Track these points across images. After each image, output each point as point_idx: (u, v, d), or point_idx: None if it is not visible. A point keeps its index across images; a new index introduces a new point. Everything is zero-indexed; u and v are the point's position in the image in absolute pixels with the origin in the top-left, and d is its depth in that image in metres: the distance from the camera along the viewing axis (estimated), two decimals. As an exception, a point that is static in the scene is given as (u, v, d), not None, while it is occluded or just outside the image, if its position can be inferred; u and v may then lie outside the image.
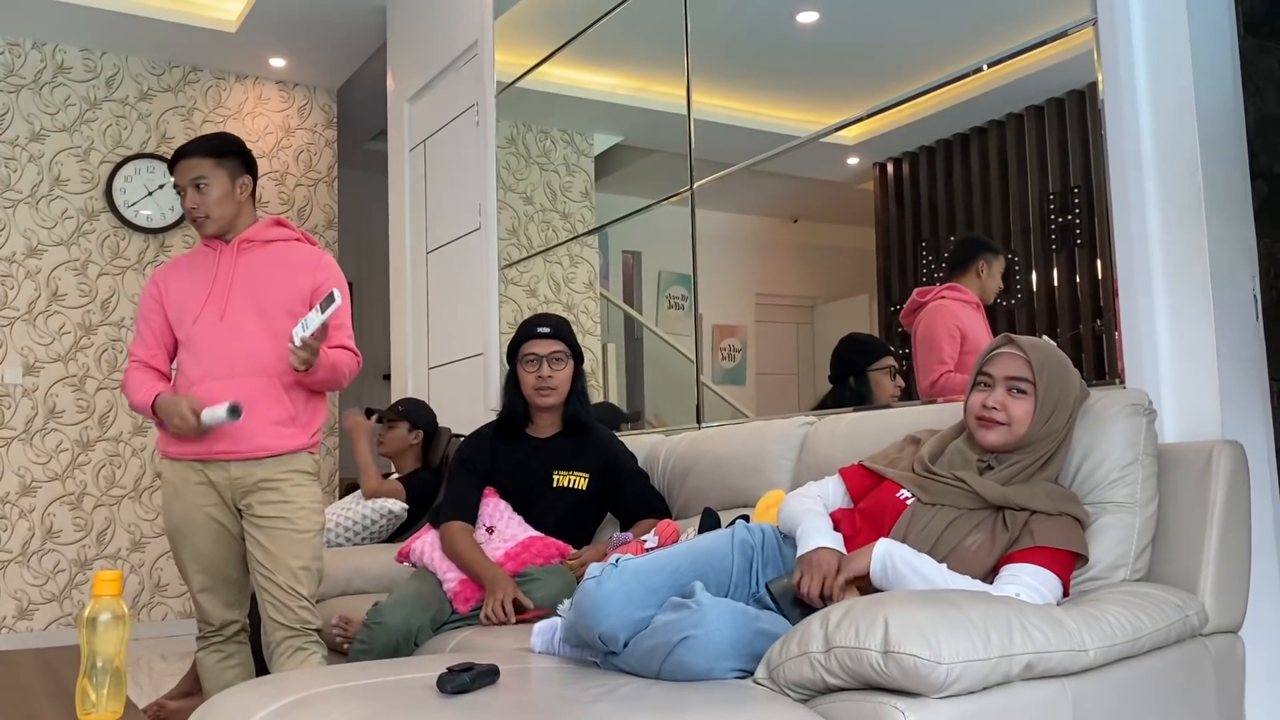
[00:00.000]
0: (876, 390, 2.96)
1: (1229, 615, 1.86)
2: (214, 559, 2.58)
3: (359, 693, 1.59)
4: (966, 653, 1.40)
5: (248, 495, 2.53)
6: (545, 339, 2.82)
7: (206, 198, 2.56)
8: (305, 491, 2.56)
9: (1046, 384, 1.84)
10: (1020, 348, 1.87)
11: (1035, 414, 1.84)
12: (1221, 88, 2.17)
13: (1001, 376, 1.87)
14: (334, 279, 2.61)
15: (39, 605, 5.42)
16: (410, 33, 5.21)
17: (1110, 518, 1.86)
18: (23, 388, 5.51)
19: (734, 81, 3.26)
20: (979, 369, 1.92)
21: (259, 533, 2.52)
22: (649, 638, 1.66)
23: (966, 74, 2.51)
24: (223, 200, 2.57)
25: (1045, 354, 1.87)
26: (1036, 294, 2.36)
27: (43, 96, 5.66)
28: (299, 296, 2.57)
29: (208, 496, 2.55)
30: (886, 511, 1.91)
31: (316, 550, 2.57)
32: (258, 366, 2.53)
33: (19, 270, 5.54)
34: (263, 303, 2.56)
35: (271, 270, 2.59)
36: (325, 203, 6.39)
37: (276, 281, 2.58)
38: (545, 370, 2.79)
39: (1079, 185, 2.27)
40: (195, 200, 2.56)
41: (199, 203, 2.56)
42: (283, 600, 2.50)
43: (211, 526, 2.57)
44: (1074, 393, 1.87)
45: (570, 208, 4.02)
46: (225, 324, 2.55)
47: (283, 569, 2.50)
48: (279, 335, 2.53)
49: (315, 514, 2.58)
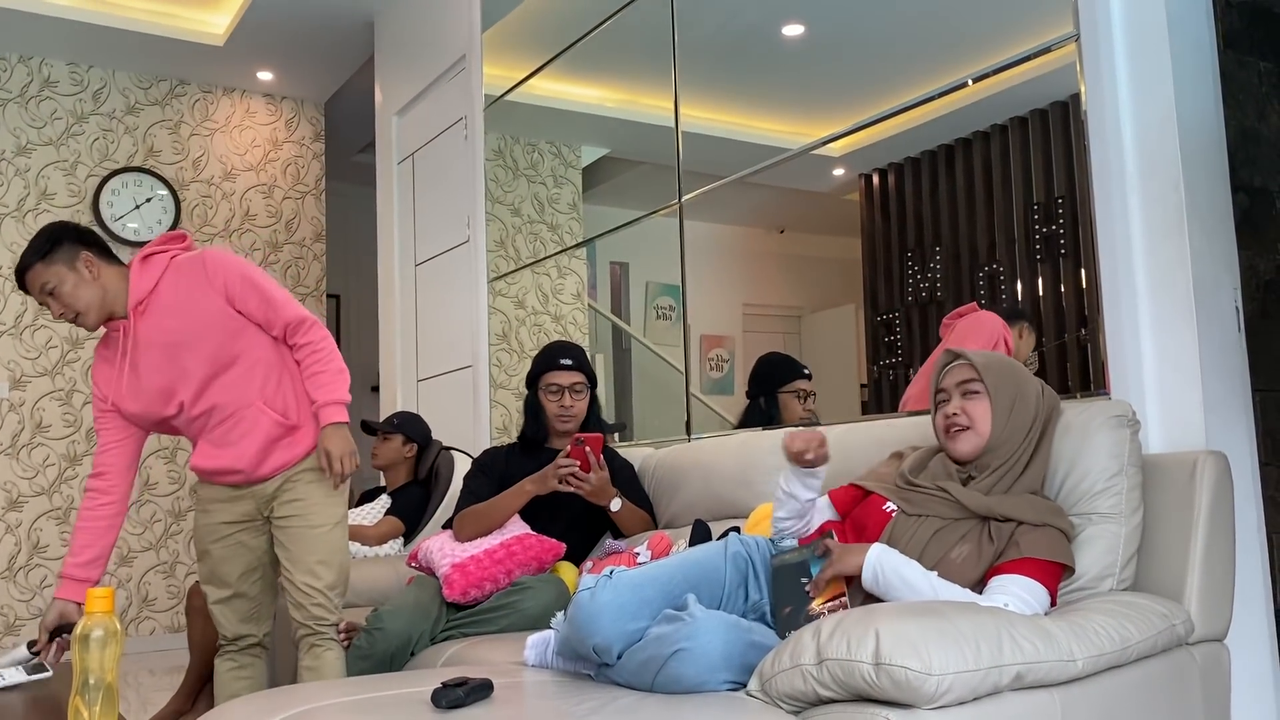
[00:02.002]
0: (784, 412, 3.01)
1: (1214, 624, 1.88)
2: (229, 575, 2.59)
3: (354, 708, 1.60)
4: (957, 664, 1.41)
5: (272, 503, 2.55)
6: (567, 370, 2.95)
7: (63, 299, 2.43)
8: (317, 488, 2.55)
9: (995, 380, 1.90)
10: (964, 357, 1.95)
11: (994, 411, 1.89)
12: (1202, 101, 2.21)
13: (954, 385, 1.95)
14: (230, 273, 2.48)
15: (25, 621, 5.38)
16: (398, 46, 5.22)
17: (1096, 528, 1.88)
18: (9, 402, 5.48)
19: (721, 94, 3.29)
20: (935, 388, 1.99)
21: (280, 533, 2.54)
22: (642, 650, 1.67)
23: (951, 89, 2.54)
24: (76, 291, 2.43)
25: (988, 357, 1.95)
26: (1021, 305, 2.38)
27: (29, 110, 5.65)
28: (216, 313, 2.47)
29: (232, 513, 2.57)
30: (870, 523, 1.94)
31: (334, 544, 2.54)
32: (231, 405, 2.49)
33: (5, 284, 5.53)
34: (193, 348, 2.47)
35: (175, 313, 2.48)
36: (313, 215, 6.39)
37: (187, 320, 2.47)
38: (567, 400, 2.94)
39: (1063, 196, 2.29)
40: (57, 307, 2.44)
41: (62, 307, 2.44)
42: (298, 599, 2.51)
43: (230, 542, 2.58)
44: (1032, 391, 1.91)
45: (558, 219, 4.04)
46: (163, 394, 2.48)
47: (300, 566, 2.50)
48: (230, 362, 2.47)
49: (331, 508, 2.55)
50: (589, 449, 2.72)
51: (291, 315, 2.51)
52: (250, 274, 2.50)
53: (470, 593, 2.63)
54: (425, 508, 3.83)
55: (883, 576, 1.75)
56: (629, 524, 2.84)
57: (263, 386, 2.51)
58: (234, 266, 2.50)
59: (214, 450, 2.52)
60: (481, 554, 2.69)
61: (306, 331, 2.53)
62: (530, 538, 2.74)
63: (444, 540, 2.82)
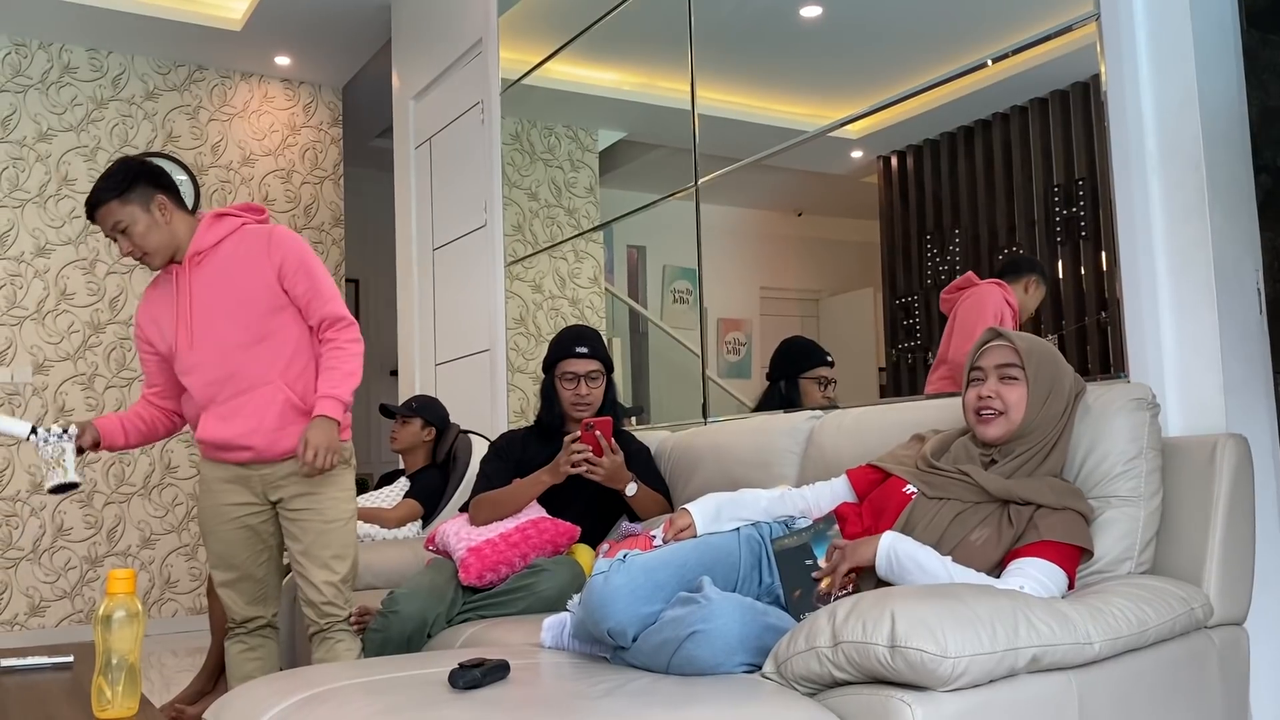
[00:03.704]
0: (805, 397, 3.00)
1: (1234, 607, 1.87)
2: (236, 556, 2.60)
3: (372, 688, 1.61)
4: (972, 646, 1.41)
5: (280, 489, 2.55)
6: (583, 358, 2.94)
7: (133, 239, 2.45)
8: (334, 478, 2.56)
9: (1036, 367, 1.87)
10: (1007, 338, 1.91)
11: (1029, 399, 1.86)
12: (1225, 81, 2.18)
13: (992, 366, 1.91)
14: (290, 252, 2.50)
15: (50, 602, 5.45)
16: (415, 30, 5.22)
17: (1115, 511, 1.87)
18: (32, 386, 5.53)
19: (738, 76, 3.27)
20: (971, 365, 1.95)
21: (291, 525, 2.55)
22: (658, 632, 1.68)
23: (970, 70, 2.52)
24: (148, 233, 2.45)
25: (1032, 342, 1.92)
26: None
27: (49, 96, 5.68)
28: (264, 286, 2.49)
29: (237, 494, 2.57)
30: (890, 505, 1.93)
31: (347, 538, 2.57)
32: (251, 378, 2.50)
33: (28, 270, 5.57)
34: (232, 313, 2.49)
35: (228, 274, 2.50)
36: (331, 200, 6.41)
37: (236, 284, 2.50)
38: (583, 388, 2.93)
39: (1083, 177, 2.27)
40: (125, 245, 2.46)
41: (130, 246, 2.46)
42: (312, 597, 2.54)
43: (236, 524, 2.58)
44: (1067, 380, 1.89)
45: (575, 203, 4.03)
46: (199, 350, 2.50)
47: (315, 561, 2.52)
48: (263, 336, 2.49)
49: (344, 502, 2.57)
50: (599, 433, 2.73)
51: (331, 310, 2.53)
52: (308, 259, 2.51)
53: (486, 576, 2.65)
54: (444, 490, 3.85)
55: (897, 563, 1.74)
56: (645, 507, 2.84)
57: (286, 368, 2.52)
58: (295, 247, 2.52)
59: (221, 423, 2.51)
60: (497, 538, 2.70)
61: (341, 330, 2.54)
62: (545, 521, 2.75)
63: (460, 524, 2.83)
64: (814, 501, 2.10)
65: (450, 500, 3.83)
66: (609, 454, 2.75)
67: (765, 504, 2.11)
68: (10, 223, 5.55)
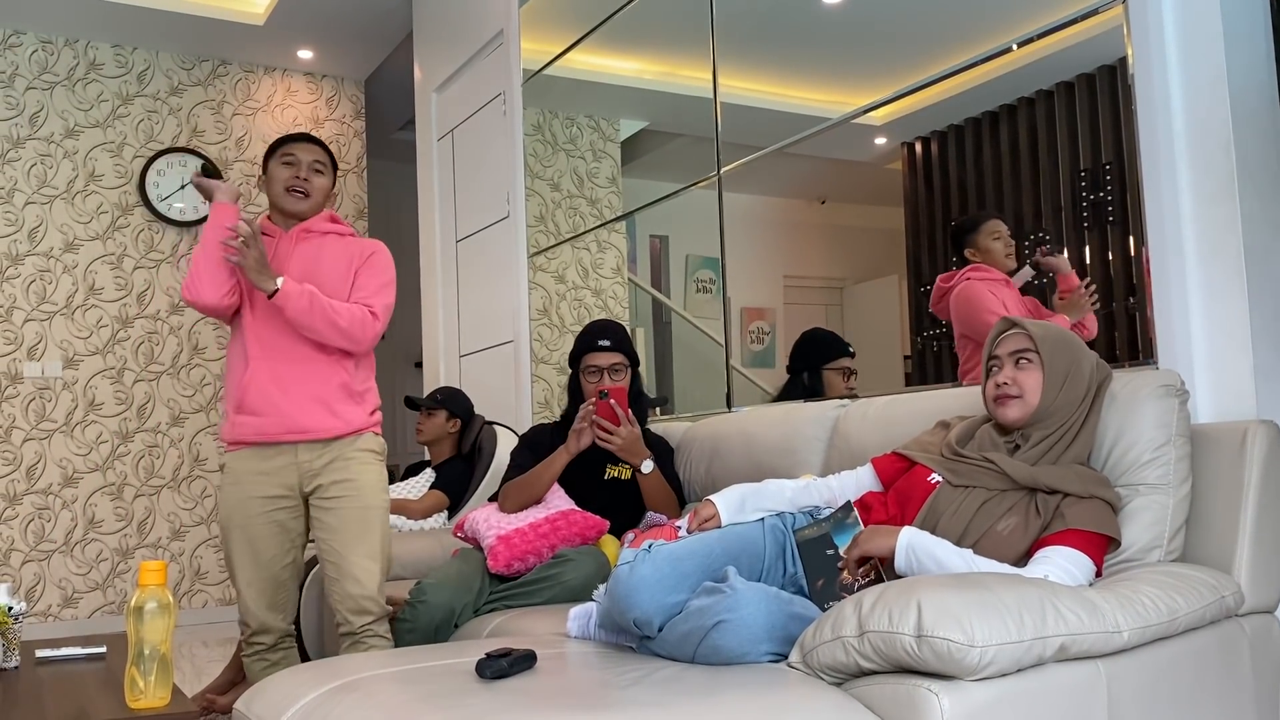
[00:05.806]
0: (828, 389, 2.99)
1: (1265, 595, 1.85)
2: (262, 553, 2.55)
3: (401, 678, 1.63)
4: (1000, 635, 1.40)
5: (317, 478, 2.54)
6: (606, 352, 2.95)
7: (315, 183, 2.67)
8: (371, 470, 2.58)
9: (1050, 351, 1.88)
10: (1021, 326, 1.92)
11: (1046, 382, 1.86)
12: (1254, 62, 2.15)
13: (1007, 354, 1.92)
14: (380, 255, 2.68)
15: (83, 594, 5.52)
16: (436, 22, 5.23)
17: (1144, 499, 1.85)
18: (63, 380, 5.60)
19: (760, 64, 3.25)
20: (988, 355, 1.96)
21: (325, 514, 2.53)
22: (684, 622, 1.68)
23: (995, 55, 2.49)
24: (321, 192, 2.70)
25: (1046, 328, 1.92)
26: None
27: (76, 93, 5.73)
28: (341, 272, 2.63)
29: (269, 487, 2.54)
30: (915, 494, 1.93)
31: (385, 532, 2.57)
32: (299, 346, 2.55)
33: (57, 265, 5.63)
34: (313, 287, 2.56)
35: (321, 258, 2.63)
36: (355, 193, 6.44)
37: (324, 269, 2.62)
38: (607, 381, 2.93)
39: (1110, 161, 2.25)
40: (309, 177, 2.66)
41: (310, 183, 2.66)
42: (347, 588, 2.50)
43: (265, 519, 2.55)
44: (1087, 365, 1.88)
45: (597, 193, 4.03)
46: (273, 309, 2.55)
47: (355, 551, 2.50)
48: None
49: (380, 492, 2.59)
50: (614, 401, 2.76)
51: (375, 302, 2.60)
52: (388, 270, 2.68)
53: (514, 565, 2.66)
54: (469, 482, 3.87)
55: (916, 560, 1.73)
56: (654, 492, 2.83)
57: (344, 354, 2.58)
58: (384, 257, 2.70)
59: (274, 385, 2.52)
60: (527, 527, 2.71)
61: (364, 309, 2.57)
62: (576, 513, 2.75)
63: (490, 512, 2.85)
64: (839, 491, 2.10)
65: (476, 491, 3.85)
66: (625, 424, 2.76)
67: (790, 494, 2.11)
68: (39, 219, 5.60)
